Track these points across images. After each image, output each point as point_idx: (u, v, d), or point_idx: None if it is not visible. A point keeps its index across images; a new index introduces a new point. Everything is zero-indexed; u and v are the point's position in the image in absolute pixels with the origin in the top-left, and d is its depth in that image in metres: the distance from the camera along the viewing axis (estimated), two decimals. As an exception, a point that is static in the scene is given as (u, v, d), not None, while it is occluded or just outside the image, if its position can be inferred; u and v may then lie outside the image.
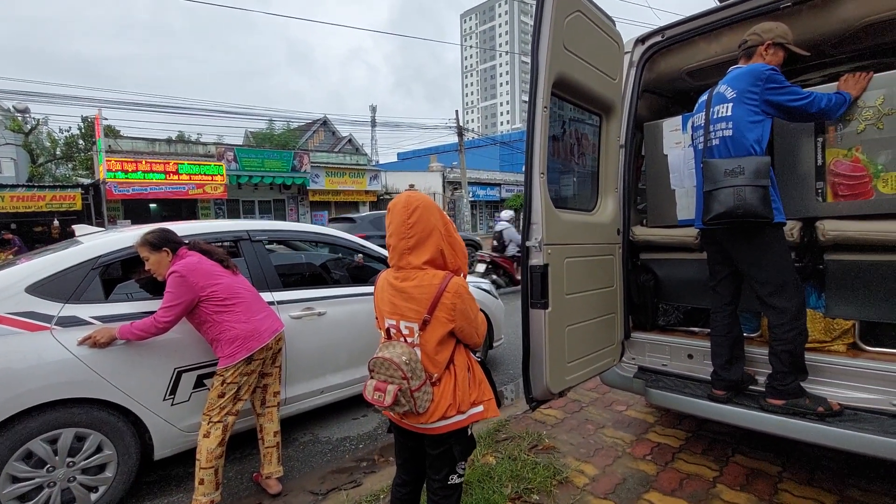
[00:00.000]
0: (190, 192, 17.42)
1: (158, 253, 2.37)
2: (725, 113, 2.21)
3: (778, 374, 2.17)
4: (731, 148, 2.18)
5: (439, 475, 1.65)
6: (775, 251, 2.14)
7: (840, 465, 2.55)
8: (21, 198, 14.75)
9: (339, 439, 3.29)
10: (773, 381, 2.18)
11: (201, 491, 2.28)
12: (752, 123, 2.13)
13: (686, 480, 2.48)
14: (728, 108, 2.20)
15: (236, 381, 2.37)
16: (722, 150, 2.21)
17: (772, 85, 2.10)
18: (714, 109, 2.27)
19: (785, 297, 2.12)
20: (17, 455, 2.17)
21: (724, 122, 2.21)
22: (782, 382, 2.14)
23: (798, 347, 2.13)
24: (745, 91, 2.15)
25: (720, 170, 2.12)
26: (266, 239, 3.26)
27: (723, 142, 2.21)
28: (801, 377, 2.16)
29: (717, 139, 2.24)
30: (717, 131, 2.24)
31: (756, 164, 2.05)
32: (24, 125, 21.41)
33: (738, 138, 2.15)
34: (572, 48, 2.21)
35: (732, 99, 2.18)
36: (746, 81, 2.15)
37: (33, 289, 2.35)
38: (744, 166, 2.06)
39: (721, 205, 2.08)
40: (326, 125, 33.40)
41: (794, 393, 2.12)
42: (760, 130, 2.13)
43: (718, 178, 2.11)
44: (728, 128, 2.19)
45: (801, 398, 2.11)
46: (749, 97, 2.14)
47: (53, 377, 2.25)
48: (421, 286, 1.55)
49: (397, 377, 1.50)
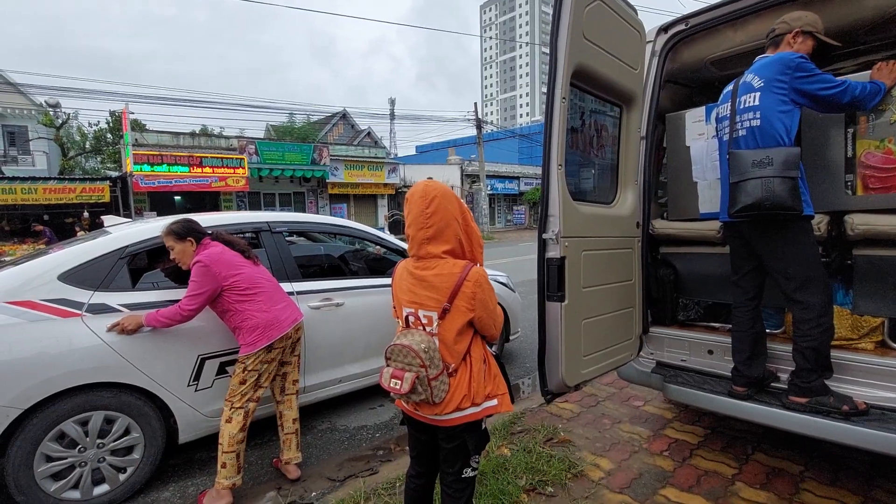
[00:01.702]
0: (213, 184, 17.75)
1: (183, 242, 2.44)
2: (753, 102, 2.14)
3: (801, 371, 2.12)
4: (758, 138, 2.12)
5: (453, 468, 1.66)
6: (802, 245, 2.09)
7: (866, 465, 2.49)
8: (53, 190, 15.25)
9: (357, 428, 3.35)
10: (797, 378, 2.13)
11: (224, 474, 2.35)
12: (780, 113, 2.07)
13: (704, 477, 2.45)
14: (755, 97, 2.13)
15: (257, 369, 2.43)
16: (749, 140, 2.15)
17: (801, 73, 2.03)
18: (741, 99, 2.20)
19: (811, 292, 2.07)
20: (51, 435, 2.27)
21: (751, 112, 2.15)
22: (805, 380, 2.09)
23: (823, 344, 2.07)
24: (773, 80, 2.08)
25: (747, 161, 2.06)
26: (286, 230, 3.32)
27: (750, 132, 2.15)
28: (826, 375, 2.11)
29: (743, 129, 2.18)
30: (743, 121, 2.18)
31: (785, 155, 1.99)
32: (56, 120, 22.06)
33: (766, 128, 2.09)
34: (592, 38, 2.17)
35: (760, 88, 2.12)
36: (775, 70, 2.09)
37: (65, 277, 2.44)
38: (772, 157, 2.00)
39: (748, 196, 2.02)
40: (346, 118, 33.63)
41: (817, 391, 2.07)
42: (789, 120, 2.07)
43: (746, 170, 2.06)
44: (756, 118, 2.12)
45: (824, 396, 2.06)
46: (777, 86, 2.07)
47: (84, 362, 2.34)
48: (441, 275, 1.55)
49: (415, 365, 1.50)
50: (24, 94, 23.65)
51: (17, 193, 14.71)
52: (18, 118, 23.97)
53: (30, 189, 14.91)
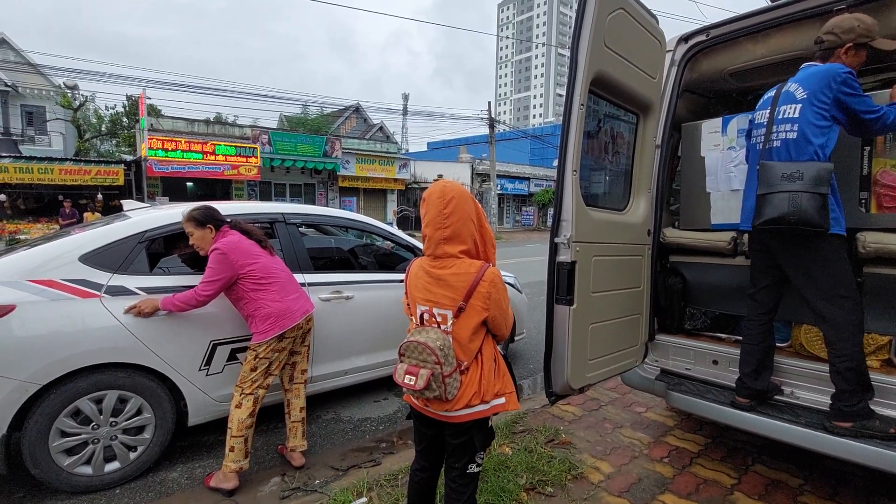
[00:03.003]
0: (225, 172, 17.92)
1: (203, 229, 2.49)
2: (792, 114, 2.08)
3: (843, 393, 2.03)
4: (792, 151, 2.06)
5: (459, 463, 1.70)
6: (832, 263, 2.02)
7: (866, 481, 2.50)
8: (69, 171, 15.49)
9: (360, 420, 3.40)
10: (839, 401, 2.04)
11: (231, 458, 2.41)
12: (818, 128, 2.01)
13: (703, 485, 2.47)
14: (796, 109, 2.07)
15: (268, 357, 2.48)
16: (782, 152, 2.10)
17: (847, 90, 1.97)
18: (780, 109, 2.14)
19: (841, 311, 2.01)
20: (67, 412, 2.34)
21: (789, 124, 2.09)
22: (848, 403, 2.00)
23: (861, 364, 2.01)
24: (817, 93, 2.02)
25: (777, 173, 2.01)
26: (300, 222, 3.37)
27: (784, 144, 2.10)
28: (868, 396, 2.03)
29: (778, 141, 2.12)
30: (779, 133, 2.12)
31: (817, 171, 1.93)
32: (73, 101, 22.34)
33: (801, 143, 2.04)
34: (613, 46, 2.19)
35: (802, 100, 2.06)
36: (820, 83, 2.02)
37: (86, 258, 2.50)
38: (803, 171, 1.95)
39: (774, 209, 1.98)
40: (359, 112, 33.69)
41: (862, 414, 1.98)
42: (825, 137, 2.01)
43: (774, 182, 2.01)
44: (793, 130, 2.07)
45: (870, 420, 1.97)
46: (820, 100, 2.01)
47: (101, 342, 2.40)
48: (458, 274, 1.59)
49: (430, 362, 1.53)
50: (43, 75, 23.98)
51: (34, 173, 14.96)
52: (37, 98, 24.31)
53: (46, 169, 15.16)
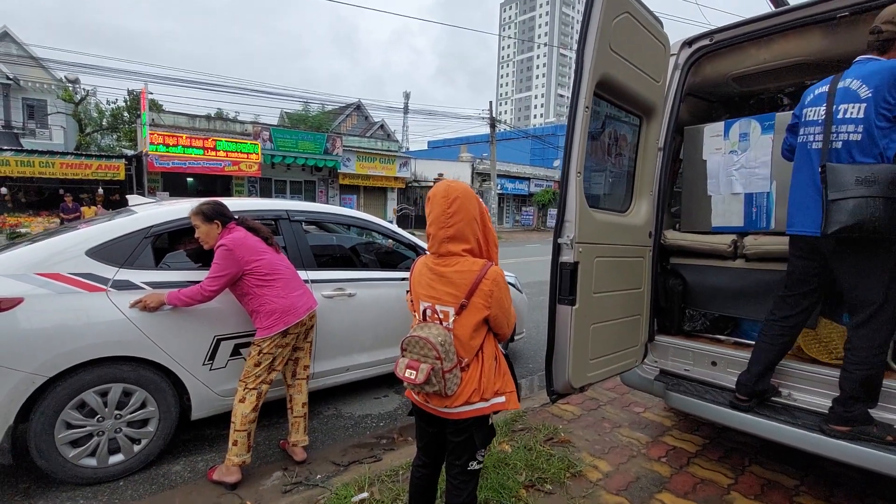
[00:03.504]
0: (226, 168, 17.92)
1: (210, 224, 2.51)
2: (856, 114, 1.96)
3: (847, 399, 2.04)
4: (855, 154, 1.96)
5: (460, 461, 1.72)
6: (888, 271, 1.98)
7: (861, 483, 2.54)
8: (70, 165, 15.48)
9: (361, 416, 3.43)
10: (840, 406, 2.06)
11: (234, 451, 2.44)
12: (882, 130, 1.92)
13: (700, 485, 2.51)
14: (860, 108, 1.95)
15: (272, 352, 2.51)
16: (843, 154, 1.99)
17: None
18: (839, 107, 2.01)
19: (883, 320, 1.98)
20: (73, 404, 2.36)
21: (852, 125, 1.97)
22: (849, 409, 2.02)
23: (881, 374, 2.02)
24: (883, 92, 1.90)
25: (850, 177, 1.89)
26: (304, 219, 3.39)
27: (846, 146, 1.98)
28: (871, 404, 2.05)
29: (839, 142, 2.00)
30: (840, 133, 2.00)
31: (892, 174, 1.83)
32: (75, 95, 22.32)
33: (865, 145, 1.94)
34: (618, 49, 2.22)
35: (866, 99, 1.94)
36: (888, 80, 1.90)
37: (92, 252, 2.52)
38: (878, 175, 1.84)
39: (851, 216, 1.85)
40: (360, 109, 33.70)
41: (861, 420, 2.01)
42: (888, 139, 1.92)
43: (847, 186, 1.88)
44: (857, 131, 1.96)
45: (868, 426, 2.00)
46: (886, 100, 1.90)
47: (107, 335, 2.42)
48: (461, 272, 1.61)
49: (431, 357, 1.56)
50: (44, 69, 23.94)
51: (35, 166, 14.95)
52: (38, 92, 24.28)
53: (47, 163, 15.14)
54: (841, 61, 2.58)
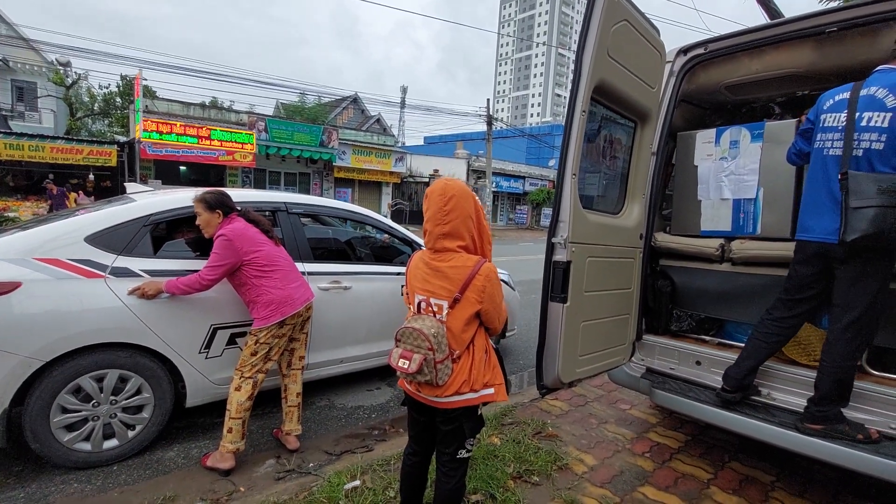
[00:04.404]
0: (220, 158, 17.78)
1: (211, 213, 2.54)
2: (881, 123, 1.95)
3: (822, 399, 2.13)
4: (875, 163, 1.96)
5: (449, 449, 1.79)
6: (886, 281, 2.03)
7: (834, 480, 2.64)
8: (61, 150, 15.27)
9: (354, 407, 3.48)
10: (815, 406, 2.14)
11: (229, 438, 2.48)
12: None
13: (681, 479, 2.59)
14: (886, 118, 1.95)
15: (268, 342, 2.55)
16: (862, 163, 1.98)
17: None
18: (863, 115, 2.00)
19: (867, 327, 2.05)
20: (69, 388, 2.39)
21: (875, 133, 1.96)
22: (823, 409, 2.11)
23: (852, 376, 2.10)
24: None
25: (872, 185, 1.88)
26: (302, 212, 3.42)
27: (867, 154, 1.98)
28: (843, 404, 2.14)
29: (860, 150, 1.99)
30: (862, 141, 1.99)
31: None
32: (66, 79, 21.98)
33: (888, 154, 1.94)
34: (615, 56, 2.27)
35: (893, 108, 1.93)
36: None
37: (91, 239, 2.54)
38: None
39: (871, 225, 1.85)
40: (357, 102, 33.57)
41: (834, 419, 2.10)
42: None
43: (870, 195, 1.87)
44: (879, 140, 1.95)
45: (840, 424, 2.09)
46: None
47: (105, 322, 2.45)
48: (456, 267, 1.68)
49: (423, 347, 1.63)
50: (35, 50, 23.52)
51: (25, 150, 14.74)
52: (28, 74, 23.85)
53: (37, 147, 14.93)
54: (829, 73, 2.67)
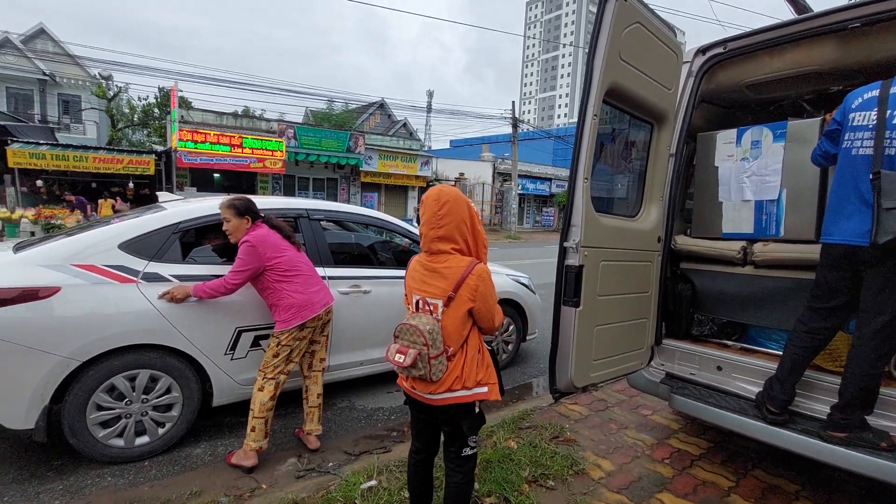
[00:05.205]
0: (251, 165, 18.32)
1: (240, 219, 2.65)
2: None
3: (846, 406, 2.07)
4: None
5: (453, 447, 1.86)
6: None
7: (860, 489, 2.54)
8: (102, 160, 16.02)
9: (373, 409, 3.55)
10: (839, 412, 2.09)
11: (252, 437, 2.58)
12: None
13: (700, 487, 2.54)
14: None
15: (289, 344, 2.64)
16: (893, 162, 1.94)
17: None
18: (894, 113, 1.95)
19: (892, 331, 1.99)
20: (103, 387, 2.53)
21: None
22: (847, 416, 2.06)
23: (878, 384, 2.05)
24: None
25: None
26: (322, 218, 3.52)
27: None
28: (868, 411, 2.09)
29: (892, 148, 1.94)
30: (894, 139, 1.94)
31: None
32: (107, 92, 23.10)
33: None
34: (628, 59, 2.26)
35: None
36: None
37: (124, 246, 2.69)
38: None
39: None
40: (383, 108, 33.99)
41: (858, 426, 2.04)
42: None
43: None
44: None
45: (864, 432, 2.03)
46: None
47: (137, 324, 2.59)
48: (450, 267, 1.75)
49: (418, 343, 1.69)
50: (79, 65, 24.84)
51: (70, 160, 15.51)
52: (73, 88, 25.20)
53: (81, 157, 15.70)
54: (854, 70, 2.58)
